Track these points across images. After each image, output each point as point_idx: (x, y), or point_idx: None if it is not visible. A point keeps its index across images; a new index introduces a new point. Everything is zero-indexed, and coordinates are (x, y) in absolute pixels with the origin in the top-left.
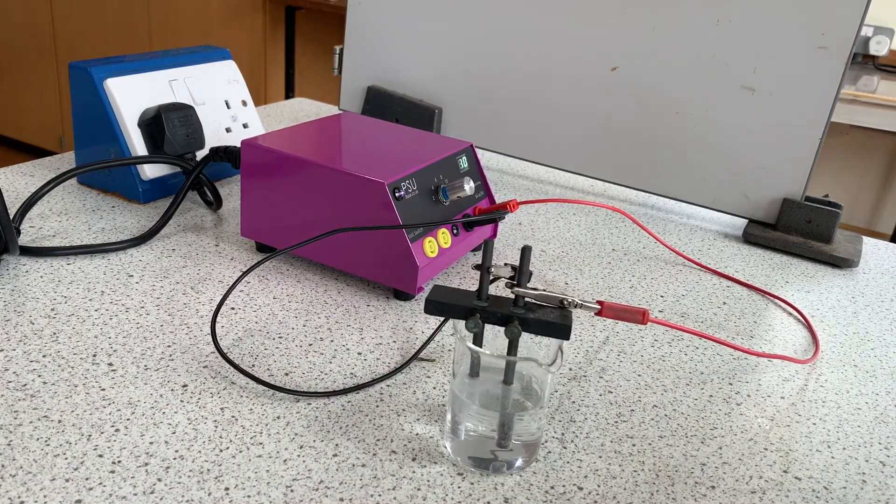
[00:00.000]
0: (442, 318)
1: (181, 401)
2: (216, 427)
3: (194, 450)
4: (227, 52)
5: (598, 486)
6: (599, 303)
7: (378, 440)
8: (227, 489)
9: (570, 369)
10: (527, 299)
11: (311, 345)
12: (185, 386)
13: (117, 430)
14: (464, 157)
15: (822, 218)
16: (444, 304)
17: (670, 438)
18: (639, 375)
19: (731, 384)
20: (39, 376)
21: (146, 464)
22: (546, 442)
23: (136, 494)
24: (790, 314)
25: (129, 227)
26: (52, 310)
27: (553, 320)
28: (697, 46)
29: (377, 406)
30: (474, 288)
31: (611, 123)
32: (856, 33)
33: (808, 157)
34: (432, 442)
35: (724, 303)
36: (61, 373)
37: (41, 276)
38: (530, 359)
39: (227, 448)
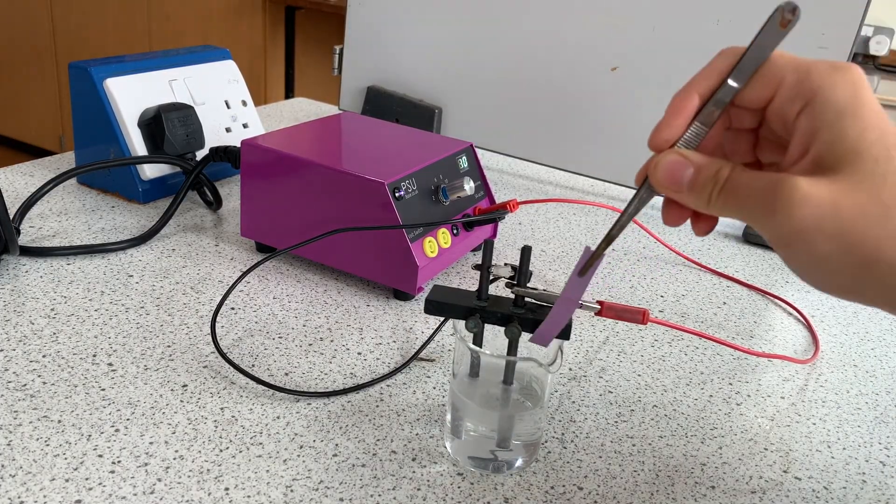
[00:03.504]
0: (442, 318)
1: (181, 401)
2: (216, 427)
3: (194, 450)
4: (227, 52)
5: (598, 486)
6: (599, 303)
7: (378, 440)
8: (227, 489)
9: (570, 369)
10: (527, 299)
11: (311, 345)
12: (184, 386)
13: (117, 430)
14: (464, 157)
15: None
16: (444, 304)
17: (670, 438)
18: (639, 375)
19: (731, 384)
20: (39, 376)
21: (146, 464)
22: (546, 442)
23: (135, 494)
24: (790, 314)
25: (128, 227)
26: (52, 310)
27: None
28: (698, 46)
29: (377, 406)
30: (474, 288)
31: (611, 123)
32: (856, 33)
33: None
34: (432, 442)
35: (724, 303)
36: (61, 373)
37: (41, 276)
38: (530, 359)
39: (227, 448)
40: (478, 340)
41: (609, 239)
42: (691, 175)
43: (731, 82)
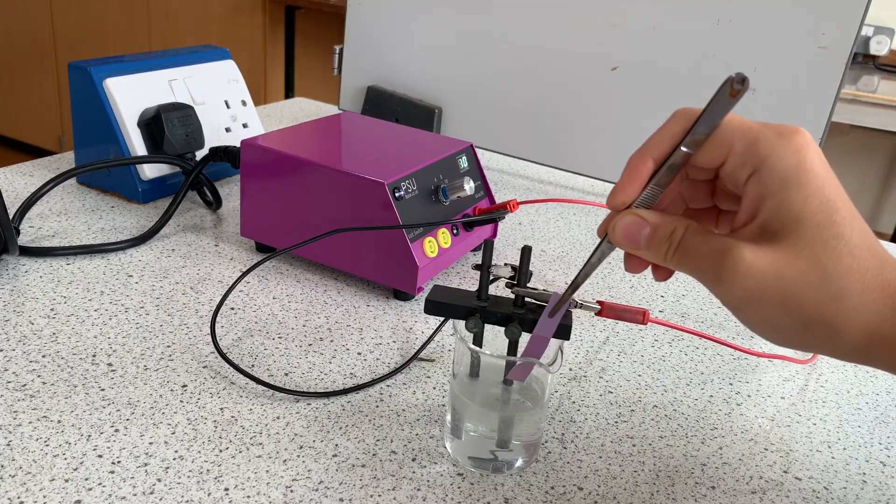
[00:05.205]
0: (442, 318)
1: (181, 401)
2: (216, 427)
3: (194, 450)
4: (227, 51)
5: (598, 486)
6: (599, 303)
7: (378, 440)
8: (226, 489)
9: (570, 369)
10: (527, 299)
11: (310, 345)
12: (184, 386)
13: (117, 431)
14: (464, 157)
15: None
16: (444, 304)
17: (670, 439)
18: (639, 375)
19: (731, 384)
20: (39, 376)
21: (146, 464)
22: (546, 442)
23: (135, 495)
24: None
25: (128, 227)
26: (52, 310)
27: None
28: (698, 46)
29: (377, 406)
30: (474, 288)
31: (611, 123)
32: (856, 33)
33: None
34: (432, 442)
35: None
36: (61, 373)
37: (41, 277)
38: (530, 359)
39: (227, 448)
40: (478, 340)
41: (575, 286)
42: (648, 234)
43: (683, 149)
